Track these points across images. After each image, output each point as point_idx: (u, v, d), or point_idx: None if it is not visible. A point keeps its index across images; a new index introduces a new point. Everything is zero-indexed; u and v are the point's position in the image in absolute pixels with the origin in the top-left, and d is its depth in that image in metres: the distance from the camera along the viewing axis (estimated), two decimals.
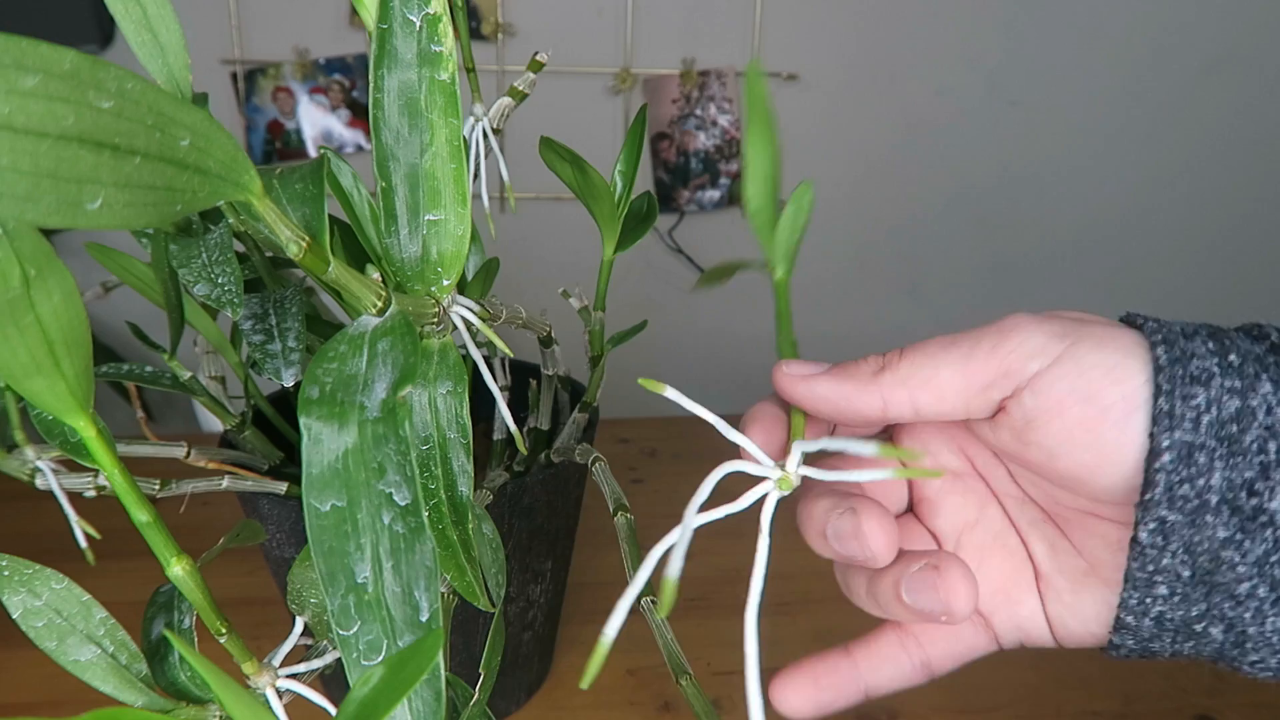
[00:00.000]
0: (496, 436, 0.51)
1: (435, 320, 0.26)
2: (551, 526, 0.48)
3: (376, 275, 0.25)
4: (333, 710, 0.27)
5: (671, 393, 0.26)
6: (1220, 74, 1.48)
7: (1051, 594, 0.29)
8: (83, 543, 0.40)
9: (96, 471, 0.38)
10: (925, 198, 1.53)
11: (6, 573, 0.27)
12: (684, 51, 1.42)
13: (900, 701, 0.57)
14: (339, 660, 0.30)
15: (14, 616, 0.27)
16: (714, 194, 1.49)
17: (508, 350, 0.30)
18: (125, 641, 0.28)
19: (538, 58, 0.42)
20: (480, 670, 0.29)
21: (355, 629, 0.21)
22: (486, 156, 0.44)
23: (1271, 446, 0.23)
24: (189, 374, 0.44)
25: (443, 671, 0.21)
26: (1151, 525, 0.24)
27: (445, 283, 0.26)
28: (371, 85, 0.25)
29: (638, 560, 0.32)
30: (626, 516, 0.33)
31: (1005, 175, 1.53)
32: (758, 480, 0.26)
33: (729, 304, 1.57)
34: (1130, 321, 0.26)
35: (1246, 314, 1.45)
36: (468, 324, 0.28)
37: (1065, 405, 0.25)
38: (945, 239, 1.56)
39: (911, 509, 0.32)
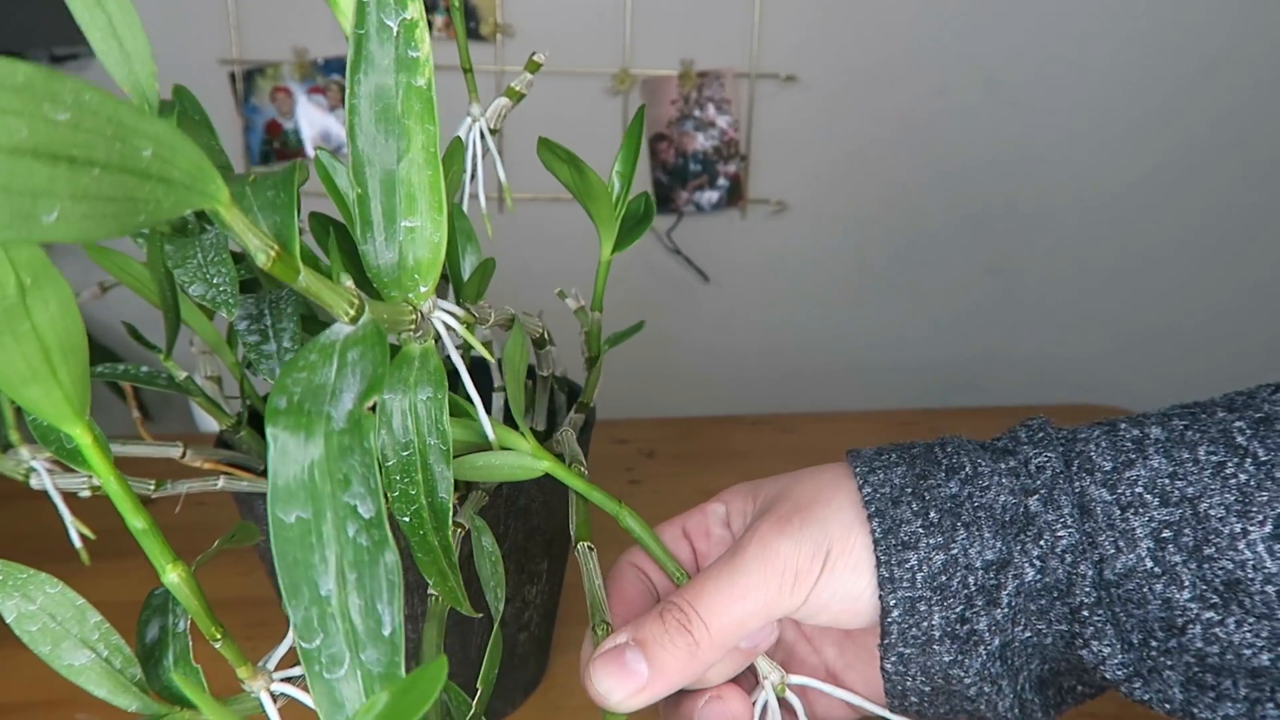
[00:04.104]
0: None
1: (413, 326, 0.26)
2: (547, 527, 0.48)
3: (349, 283, 0.24)
4: None
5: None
6: (1220, 75, 1.48)
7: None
8: (77, 543, 0.40)
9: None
10: (925, 199, 1.54)
11: (1, 577, 0.27)
12: (683, 53, 1.42)
13: None
14: None
15: (8, 621, 0.27)
16: (712, 195, 1.49)
17: (489, 356, 0.30)
18: (120, 646, 0.27)
19: (535, 58, 0.41)
20: (478, 685, 0.29)
21: (318, 641, 0.21)
22: (484, 157, 0.44)
23: (970, 580, 0.29)
24: (185, 374, 0.44)
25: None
26: (893, 659, 0.30)
27: (422, 289, 0.26)
28: (348, 91, 0.24)
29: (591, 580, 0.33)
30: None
31: (1005, 176, 1.53)
32: None
33: (728, 305, 1.57)
34: (852, 463, 0.32)
35: (1245, 314, 1.45)
36: (451, 330, 0.28)
37: (830, 605, 0.31)
38: (945, 240, 1.56)
39: None
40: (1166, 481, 0.28)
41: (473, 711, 0.27)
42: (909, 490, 0.31)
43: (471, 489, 0.40)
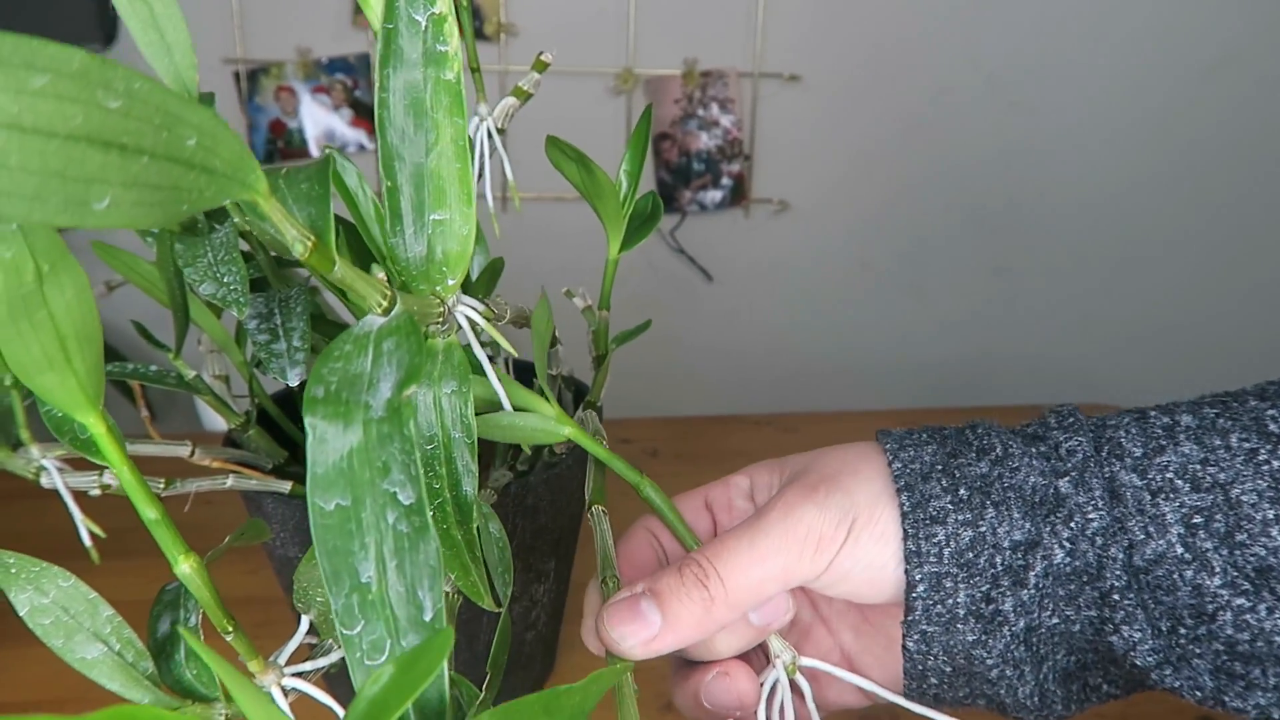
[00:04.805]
0: None
1: (440, 320, 0.27)
2: (555, 526, 0.48)
3: (381, 275, 0.25)
4: (338, 709, 0.28)
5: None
6: (1221, 75, 1.48)
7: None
8: (87, 541, 0.40)
9: (101, 470, 0.38)
10: (927, 198, 1.53)
11: (14, 570, 0.27)
12: (686, 52, 1.42)
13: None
14: (344, 659, 0.30)
15: (21, 614, 0.27)
16: (716, 194, 1.49)
17: (512, 350, 0.30)
18: (131, 639, 0.28)
19: (542, 58, 0.42)
20: (487, 669, 0.29)
21: (359, 628, 0.21)
22: (490, 156, 0.44)
23: (998, 560, 0.29)
24: (193, 373, 0.44)
25: (447, 672, 0.21)
26: (915, 637, 0.30)
27: (450, 282, 0.26)
28: (377, 85, 0.25)
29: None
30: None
31: (1006, 176, 1.53)
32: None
33: (731, 304, 1.57)
34: (882, 441, 0.32)
35: (1246, 314, 1.44)
36: (472, 323, 0.28)
37: (850, 574, 0.30)
38: (947, 240, 1.56)
39: None
40: (1198, 468, 0.28)
41: (482, 696, 0.27)
42: (939, 467, 0.30)
43: (482, 486, 0.40)
